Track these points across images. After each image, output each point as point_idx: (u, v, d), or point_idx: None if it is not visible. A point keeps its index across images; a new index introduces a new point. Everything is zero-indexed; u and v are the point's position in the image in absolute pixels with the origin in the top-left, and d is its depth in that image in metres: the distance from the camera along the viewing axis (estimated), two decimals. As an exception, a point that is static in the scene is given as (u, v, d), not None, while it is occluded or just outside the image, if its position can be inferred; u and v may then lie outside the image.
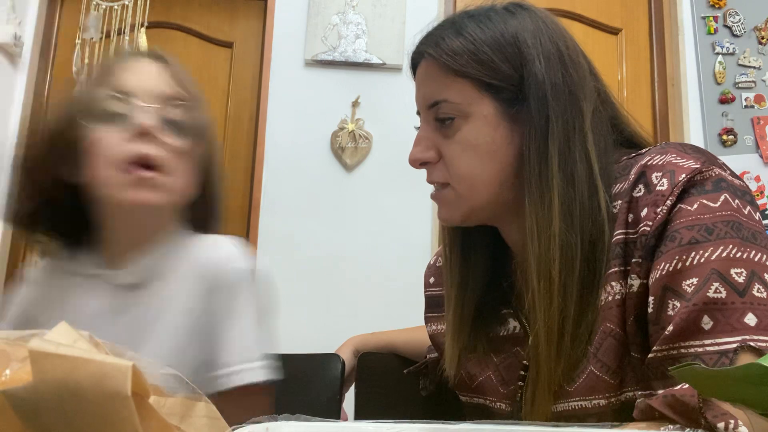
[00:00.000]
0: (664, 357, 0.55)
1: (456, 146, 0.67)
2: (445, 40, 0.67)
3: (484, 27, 0.66)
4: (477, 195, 0.67)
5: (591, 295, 0.62)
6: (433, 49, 0.67)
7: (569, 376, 0.63)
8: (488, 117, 0.66)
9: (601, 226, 0.63)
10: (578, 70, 0.67)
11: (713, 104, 2.52)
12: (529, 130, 0.64)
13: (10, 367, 0.32)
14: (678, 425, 0.45)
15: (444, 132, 0.68)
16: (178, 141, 0.71)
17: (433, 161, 0.69)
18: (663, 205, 0.58)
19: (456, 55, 0.65)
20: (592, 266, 0.63)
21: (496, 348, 0.74)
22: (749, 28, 2.58)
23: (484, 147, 0.66)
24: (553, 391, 0.63)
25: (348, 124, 2.34)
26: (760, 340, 0.51)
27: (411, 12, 2.42)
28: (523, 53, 0.65)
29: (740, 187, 0.60)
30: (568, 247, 0.62)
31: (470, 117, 0.66)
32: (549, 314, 0.62)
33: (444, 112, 0.67)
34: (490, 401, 0.74)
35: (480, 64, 0.65)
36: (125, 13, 2.13)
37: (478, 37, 0.66)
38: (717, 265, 0.54)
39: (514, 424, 0.42)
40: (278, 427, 0.40)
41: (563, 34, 0.69)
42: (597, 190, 0.64)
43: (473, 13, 0.69)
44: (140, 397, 0.30)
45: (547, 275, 0.62)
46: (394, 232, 2.25)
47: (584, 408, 0.63)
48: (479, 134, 0.66)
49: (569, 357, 0.62)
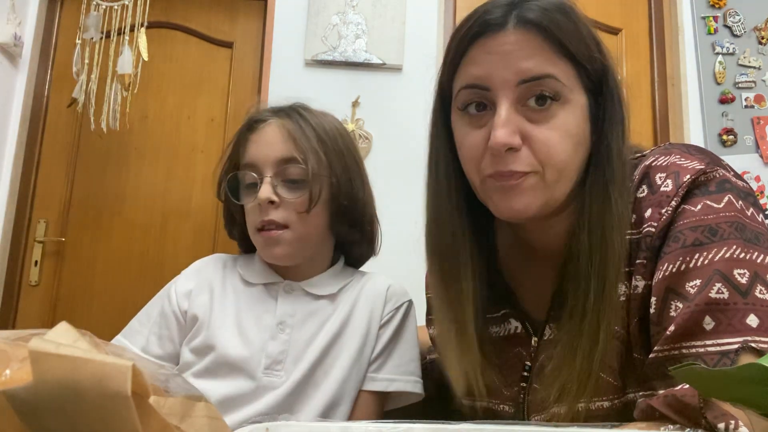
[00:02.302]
0: (666, 357, 0.55)
1: (554, 132, 0.61)
2: (550, 12, 0.60)
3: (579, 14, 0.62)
4: (563, 184, 0.63)
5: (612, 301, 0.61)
6: (542, 16, 0.60)
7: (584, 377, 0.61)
8: (583, 107, 0.63)
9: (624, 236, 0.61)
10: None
11: (713, 104, 2.52)
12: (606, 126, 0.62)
13: (10, 367, 0.32)
14: (678, 425, 0.45)
15: (533, 115, 0.61)
16: (296, 195, 0.84)
17: (519, 147, 0.61)
18: (668, 206, 0.58)
19: (567, 31, 0.60)
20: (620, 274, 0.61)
21: (497, 350, 0.73)
22: (749, 28, 2.58)
23: (577, 137, 0.62)
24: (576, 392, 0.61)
25: (348, 124, 2.34)
26: (761, 342, 0.51)
27: (411, 12, 2.41)
28: (602, 51, 0.63)
29: (744, 188, 0.60)
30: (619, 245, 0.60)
31: (568, 103, 0.61)
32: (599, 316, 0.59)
33: (548, 89, 0.60)
34: (493, 404, 0.73)
35: (585, 48, 0.61)
36: (125, 13, 2.13)
37: (582, 20, 0.62)
38: (720, 266, 0.54)
39: (514, 424, 0.42)
40: (278, 427, 0.40)
41: None
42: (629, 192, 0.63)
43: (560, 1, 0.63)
44: (140, 397, 0.30)
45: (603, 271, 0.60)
46: (394, 233, 2.25)
47: (587, 410, 0.62)
48: (576, 123, 0.62)
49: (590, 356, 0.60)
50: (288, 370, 0.82)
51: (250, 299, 0.88)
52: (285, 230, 0.84)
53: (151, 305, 0.91)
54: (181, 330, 0.87)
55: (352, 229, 0.91)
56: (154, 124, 2.46)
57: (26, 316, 2.32)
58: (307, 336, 0.85)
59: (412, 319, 0.92)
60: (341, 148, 0.88)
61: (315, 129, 0.86)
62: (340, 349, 0.85)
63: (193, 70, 2.52)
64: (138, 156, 2.44)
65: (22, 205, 2.37)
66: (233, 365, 0.82)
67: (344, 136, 0.90)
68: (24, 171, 2.39)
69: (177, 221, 2.41)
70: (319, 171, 0.84)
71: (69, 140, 2.44)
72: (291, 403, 0.81)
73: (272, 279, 0.89)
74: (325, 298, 0.89)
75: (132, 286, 2.34)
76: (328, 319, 0.87)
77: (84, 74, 2.13)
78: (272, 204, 0.83)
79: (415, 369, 0.89)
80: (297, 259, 0.87)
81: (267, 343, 0.83)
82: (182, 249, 2.39)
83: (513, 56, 0.60)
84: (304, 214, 0.83)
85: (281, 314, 0.86)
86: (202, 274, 0.91)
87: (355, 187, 0.88)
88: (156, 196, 2.42)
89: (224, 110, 2.49)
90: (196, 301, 0.87)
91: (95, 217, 2.40)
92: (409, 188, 2.25)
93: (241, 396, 0.81)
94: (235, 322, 0.85)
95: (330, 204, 0.87)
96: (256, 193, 0.83)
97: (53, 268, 2.36)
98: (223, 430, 0.37)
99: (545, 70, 0.60)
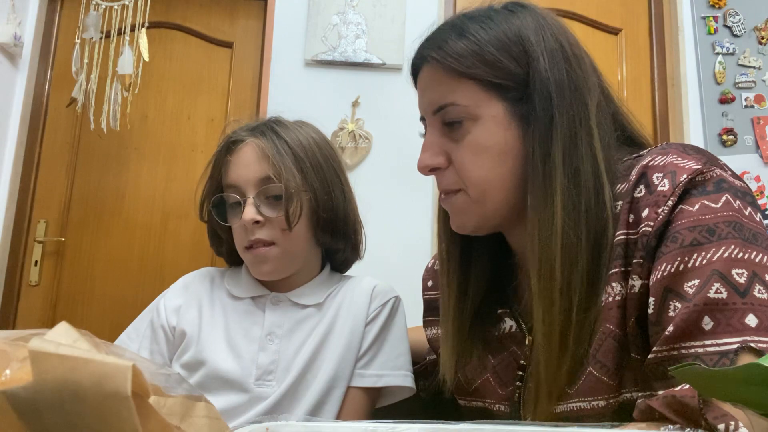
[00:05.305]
0: (665, 357, 0.55)
1: (466, 150, 0.65)
2: (448, 42, 0.66)
3: (486, 27, 0.65)
4: (490, 199, 0.66)
5: (594, 294, 0.62)
6: (437, 52, 0.66)
7: (571, 377, 0.62)
8: (497, 117, 0.65)
9: (605, 223, 0.62)
10: (581, 66, 0.66)
11: (713, 104, 2.52)
12: (533, 127, 0.63)
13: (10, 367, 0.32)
14: (678, 426, 0.45)
15: (452, 136, 0.66)
16: (280, 213, 0.85)
17: (443, 167, 0.67)
18: (664, 206, 0.58)
19: (461, 56, 0.64)
20: (596, 264, 0.62)
21: (492, 349, 0.73)
22: (749, 28, 2.58)
23: (495, 148, 0.65)
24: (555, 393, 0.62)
25: (348, 124, 2.34)
26: (760, 341, 0.51)
27: (411, 12, 2.42)
28: (527, 51, 0.64)
29: (741, 188, 0.60)
30: (570, 245, 0.61)
31: (479, 119, 0.65)
32: (550, 315, 0.61)
33: (452, 116, 0.66)
34: (488, 404, 0.74)
35: (486, 64, 0.64)
36: (125, 13, 2.12)
37: (482, 37, 0.65)
38: (718, 266, 0.54)
39: (514, 424, 0.42)
40: (278, 428, 0.40)
41: (564, 30, 0.68)
42: (603, 187, 0.63)
43: (473, 14, 0.68)
44: (140, 397, 0.30)
45: (548, 274, 0.61)
46: (394, 233, 2.25)
47: (583, 409, 0.62)
48: (489, 136, 0.65)
49: (572, 358, 0.61)
50: (279, 379, 0.84)
51: (238, 313, 0.89)
52: (272, 247, 0.85)
53: (140, 320, 0.92)
54: (170, 345, 0.88)
55: (336, 239, 0.92)
56: (154, 124, 2.46)
57: (26, 316, 2.32)
58: (296, 344, 0.86)
59: (400, 315, 0.93)
60: (319, 161, 0.88)
61: (290, 145, 0.87)
62: (327, 350, 0.86)
63: (193, 70, 2.52)
64: (138, 156, 2.44)
65: (22, 205, 2.37)
66: (225, 379, 0.83)
67: (322, 147, 0.90)
68: (24, 171, 2.39)
69: (177, 221, 2.41)
70: (296, 188, 0.85)
71: (69, 140, 2.44)
72: (282, 408, 0.82)
73: (259, 292, 0.90)
74: (312, 306, 0.90)
75: (132, 286, 2.34)
76: (316, 326, 0.88)
77: (83, 74, 2.12)
78: (257, 224, 0.85)
79: (404, 363, 0.89)
80: (286, 274, 0.89)
81: (257, 354, 0.85)
82: (182, 249, 2.39)
83: (426, 90, 0.69)
84: (287, 231, 0.85)
85: (269, 325, 0.87)
86: (191, 290, 0.92)
87: (336, 198, 0.89)
88: (156, 196, 2.42)
89: (224, 110, 2.49)
90: (185, 317, 0.88)
91: (95, 217, 2.40)
92: (409, 188, 2.26)
93: (235, 408, 0.82)
94: (224, 336, 0.86)
95: (312, 218, 0.88)
96: (241, 213, 0.85)
97: (53, 268, 2.36)
98: (223, 430, 0.37)
99: (444, 100, 0.66)
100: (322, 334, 0.87)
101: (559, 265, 0.61)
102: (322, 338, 0.87)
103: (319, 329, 0.87)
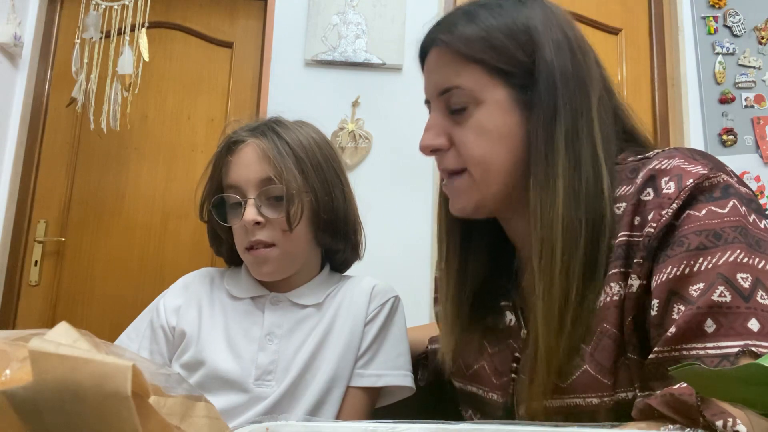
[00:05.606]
0: (665, 358, 0.55)
1: (469, 131, 0.67)
2: (457, 26, 0.67)
3: (496, 15, 0.67)
4: (491, 180, 0.67)
5: (592, 278, 0.62)
6: (446, 35, 0.67)
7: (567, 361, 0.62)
8: (501, 102, 0.66)
9: (603, 211, 0.63)
10: (586, 59, 0.68)
11: (713, 104, 2.52)
12: (537, 113, 0.65)
13: (10, 367, 0.32)
14: (677, 424, 0.45)
15: (455, 119, 0.68)
16: (280, 214, 0.84)
17: (444, 148, 0.69)
18: (668, 208, 0.58)
19: (469, 41, 0.66)
20: (595, 248, 0.62)
21: (490, 339, 0.74)
22: (749, 28, 2.58)
23: (497, 132, 0.66)
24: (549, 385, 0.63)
25: (348, 124, 2.34)
26: (762, 346, 0.51)
27: (411, 12, 2.42)
28: (534, 40, 0.65)
29: (746, 194, 0.60)
30: (572, 228, 0.62)
31: (483, 103, 0.66)
32: (550, 296, 0.61)
33: (456, 100, 0.67)
34: (483, 391, 0.74)
35: (493, 49, 0.65)
36: (125, 13, 2.12)
37: (491, 23, 0.66)
38: (723, 270, 0.54)
39: (514, 424, 0.42)
40: (278, 428, 0.40)
41: (571, 23, 0.70)
42: (601, 176, 0.64)
43: (484, 2, 0.69)
44: (140, 397, 0.30)
45: (549, 256, 0.62)
46: (394, 233, 2.25)
47: (577, 405, 0.62)
48: (492, 119, 0.66)
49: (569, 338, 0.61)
50: (279, 379, 0.84)
51: (238, 313, 0.89)
52: (272, 248, 0.85)
53: (140, 320, 0.92)
54: (170, 345, 0.88)
55: (336, 239, 0.92)
56: (154, 124, 2.46)
57: (26, 316, 2.32)
58: (296, 345, 0.86)
59: (400, 315, 0.93)
60: (319, 161, 0.88)
61: (291, 146, 0.87)
62: (326, 350, 0.86)
63: (193, 70, 2.52)
64: (138, 156, 2.44)
65: (22, 205, 2.37)
66: (225, 379, 0.83)
67: (322, 147, 0.91)
68: (24, 171, 2.39)
69: (177, 221, 2.41)
70: (298, 189, 0.85)
71: (69, 140, 2.44)
72: (281, 408, 0.82)
73: (259, 292, 0.90)
74: (312, 306, 0.90)
75: (132, 286, 2.34)
76: (316, 326, 0.88)
77: (83, 74, 2.12)
78: (258, 224, 0.85)
79: (404, 363, 0.90)
80: (286, 274, 0.89)
81: (256, 354, 0.85)
82: (182, 249, 2.39)
83: (432, 73, 0.70)
84: (288, 232, 0.85)
85: (269, 325, 0.87)
86: (190, 290, 0.92)
87: (336, 198, 0.89)
88: (156, 196, 2.42)
89: (224, 110, 2.49)
90: (185, 318, 0.88)
91: (95, 217, 2.40)
92: (409, 188, 2.26)
93: (234, 408, 0.82)
94: (224, 336, 0.86)
95: (312, 219, 0.88)
96: (241, 214, 0.85)
97: (53, 268, 2.36)
98: (223, 430, 0.37)
99: (450, 83, 0.67)
100: (321, 334, 0.87)
101: (560, 245, 0.62)
102: (322, 338, 0.87)
103: (319, 329, 0.88)
